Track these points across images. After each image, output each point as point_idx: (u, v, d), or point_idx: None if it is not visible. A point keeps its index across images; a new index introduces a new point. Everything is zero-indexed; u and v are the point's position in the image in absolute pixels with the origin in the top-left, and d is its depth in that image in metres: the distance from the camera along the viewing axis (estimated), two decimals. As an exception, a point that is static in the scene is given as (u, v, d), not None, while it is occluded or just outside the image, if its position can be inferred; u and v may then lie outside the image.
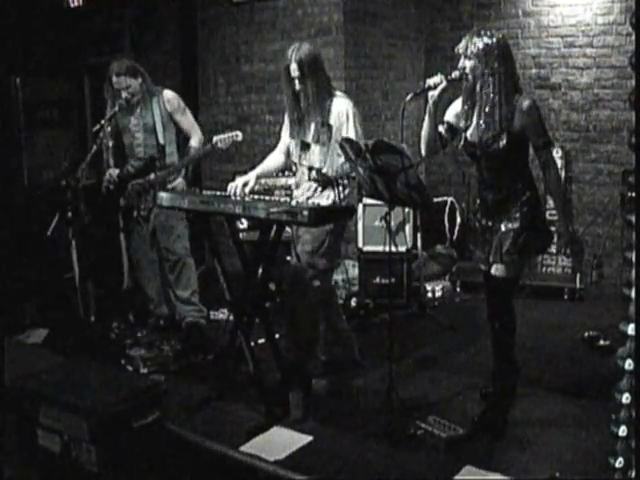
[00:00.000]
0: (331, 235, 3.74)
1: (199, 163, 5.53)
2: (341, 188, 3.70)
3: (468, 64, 3.07)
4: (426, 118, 3.24)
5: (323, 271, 3.81)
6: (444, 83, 3.12)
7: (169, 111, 4.52)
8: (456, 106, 3.33)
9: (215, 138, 4.37)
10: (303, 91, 3.64)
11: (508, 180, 3.20)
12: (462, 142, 3.26)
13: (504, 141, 3.09)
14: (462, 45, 3.08)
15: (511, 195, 3.20)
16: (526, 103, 3.08)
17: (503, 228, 3.22)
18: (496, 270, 3.26)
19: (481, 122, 3.14)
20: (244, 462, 3.10)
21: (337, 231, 3.78)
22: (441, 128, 3.28)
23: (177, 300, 4.75)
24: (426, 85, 3.15)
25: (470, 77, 3.08)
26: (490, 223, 3.29)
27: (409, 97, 3.16)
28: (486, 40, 3.02)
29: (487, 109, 3.09)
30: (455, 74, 3.13)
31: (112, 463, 2.93)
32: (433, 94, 3.15)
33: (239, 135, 4.35)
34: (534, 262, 5.81)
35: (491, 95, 3.05)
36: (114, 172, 4.56)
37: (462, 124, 3.26)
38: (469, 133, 3.23)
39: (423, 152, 3.35)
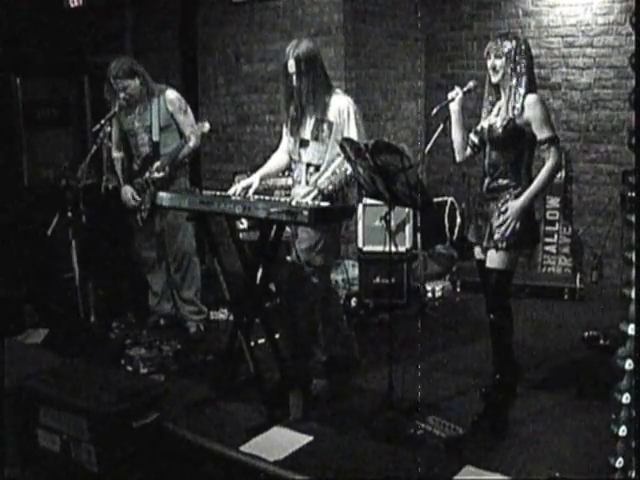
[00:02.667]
0: (327, 233, 3.74)
1: (195, 159, 5.49)
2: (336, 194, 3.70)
3: (498, 62, 3.30)
4: (453, 127, 3.49)
5: (320, 268, 3.80)
6: (460, 94, 3.42)
7: (170, 111, 4.52)
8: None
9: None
10: (300, 87, 3.64)
11: (504, 170, 3.35)
12: (479, 129, 3.46)
13: (503, 127, 3.29)
14: (492, 46, 3.33)
15: (503, 186, 3.35)
16: (531, 98, 3.28)
17: (490, 215, 3.36)
18: (490, 262, 3.35)
19: (495, 112, 3.37)
20: (244, 462, 3.10)
21: (334, 229, 3.78)
22: (473, 136, 3.49)
23: (180, 300, 4.77)
24: (448, 99, 3.44)
25: (500, 74, 3.30)
26: (482, 209, 3.44)
27: (434, 112, 3.42)
28: (514, 42, 3.30)
29: (507, 102, 3.30)
30: (470, 85, 3.45)
31: (112, 463, 2.93)
32: (453, 106, 3.44)
33: (205, 126, 4.33)
34: (534, 262, 5.82)
35: (513, 90, 3.28)
36: (129, 190, 4.59)
37: (483, 115, 3.47)
38: (484, 121, 3.43)
39: (457, 158, 3.58)
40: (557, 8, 5.68)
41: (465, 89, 3.44)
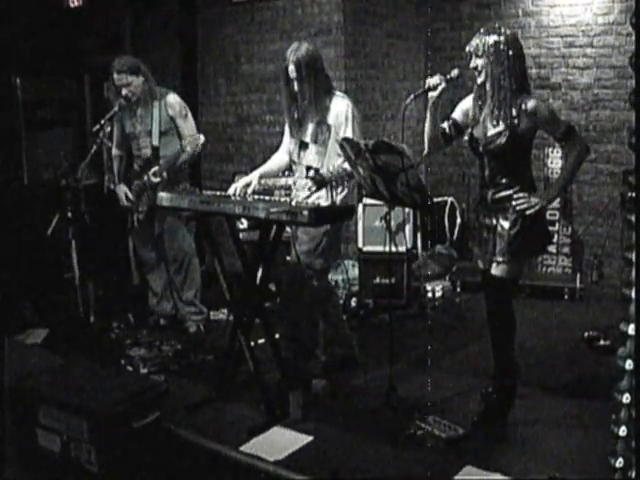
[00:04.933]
0: (328, 235, 3.74)
1: (196, 162, 5.51)
2: (335, 189, 3.69)
3: (480, 62, 3.10)
4: (428, 117, 3.30)
5: (320, 271, 3.81)
6: (443, 84, 3.18)
7: (170, 115, 4.51)
8: (465, 104, 3.37)
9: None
10: (301, 92, 3.63)
11: (506, 179, 3.22)
12: (468, 137, 3.31)
13: (506, 139, 3.12)
14: (473, 44, 3.12)
15: (508, 195, 3.22)
16: (530, 105, 3.11)
17: (499, 227, 3.24)
18: (495, 270, 3.26)
19: (488, 118, 3.19)
20: (244, 462, 3.10)
21: (334, 231, 3.78)
22: (445, 125, 3.33)
23: (180, 301, 4.77)
24: (426, 86, 3.22)
25: (483, 75, 3.12)
26: (488, 221, 3.32)
27: (410, 99, 3.25)
28: (495, 38, 3.06)
29: (496, 106, 3.12)
30: (454, 73, 3.20)
31: (112, 463, 2.93)
32: (433, 94, 3.21)
33: (201, 138, 4.29)
34: (534, 262, 5.81)
35: (501, 92, 3.09)
36: (123, 189, 4.60)
37: (471, 121, 3.30)
38: (476, 129, 3.26)
39: (426, 149, 3.40)
40: (557, 8, 5.68)
41: (448, 77, 3.16)
